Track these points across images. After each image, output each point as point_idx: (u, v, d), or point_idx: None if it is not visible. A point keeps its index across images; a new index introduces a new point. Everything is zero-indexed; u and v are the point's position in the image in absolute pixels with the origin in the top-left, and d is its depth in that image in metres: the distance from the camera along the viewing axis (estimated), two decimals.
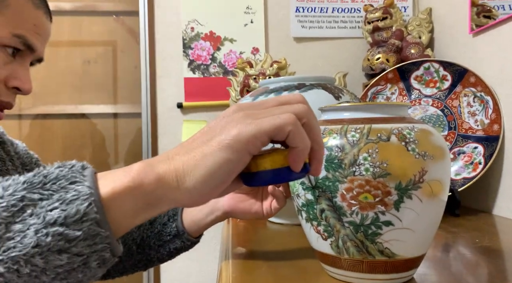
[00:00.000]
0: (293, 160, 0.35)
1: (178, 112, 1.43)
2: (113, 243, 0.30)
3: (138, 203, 0.31)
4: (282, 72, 1.22)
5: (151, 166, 0.32)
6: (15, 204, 0.28)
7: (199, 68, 1.42)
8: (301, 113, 0.35)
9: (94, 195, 0.29)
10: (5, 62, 0.53)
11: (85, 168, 0.32)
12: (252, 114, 0.34)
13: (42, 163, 0.74)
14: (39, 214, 0.28)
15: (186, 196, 0.32)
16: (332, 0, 1.42)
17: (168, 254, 0.67)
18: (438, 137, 0.46)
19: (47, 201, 0.28)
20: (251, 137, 0.32)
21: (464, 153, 0.99)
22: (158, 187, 0.31)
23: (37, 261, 0.27)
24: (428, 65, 1.08)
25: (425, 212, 0.44)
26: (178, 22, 1.42)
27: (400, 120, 0.46)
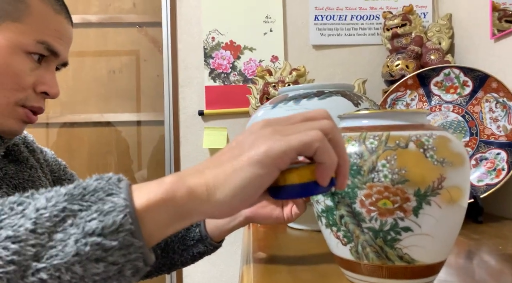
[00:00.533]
0: (320, 176, 0.36)
1: (199, 119, 1.46)
2: (146, 252, 0.32)
3: (170, 215, 0.33)
4: (301, 79, 1.24)
5: (183, 179, 0.33)
6: (57, 214, 0.30)
7: (220, 76, 1.45)
8: (327, 129, 0.36)
9: (129, 207, 0.31)
10: (32, 68, 0.55)
11: (121, 180, 0.33)
12: (280, 131, 0.35)
13: (69, 170, 0.76)
14: (79, 224, 0.30)
15: (216, 209, 0.33)
16: (351, 8, 1.43)
17: (191, 258, 0.69)
18: (457, 144, 0.46)
19: (86, 212, 0.30)
20: (280, 154, 0.33)
21: (486, 159, 0.98)
22: (189, 200, 0.33)
23: (77, 269, 0.29)
24: (448, 71, 1.07)
25: (444, 218, 0.44)
26: (199, 32, 1.45)
27: (419, 127, 0.47)
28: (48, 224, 0.29)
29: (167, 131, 1.48)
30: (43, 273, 0.29)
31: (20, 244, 0.29)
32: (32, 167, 0.65)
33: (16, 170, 0.62)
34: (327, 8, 1.44)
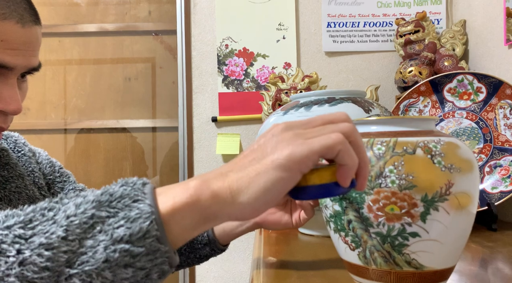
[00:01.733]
0: (342, 177, 0.36)
1: (213, 125, 1.48)
2: (171, 256, 0.33)
3: (195, 218, 0.33)
4: (313, 86, 1.24)
5: (207, 182, 0.34)
6: (86, 221, 0.31)
7: (233, 83, 1.47)
8: (348, 131, 0.36)
9: (155, 213, 0.31)
10: None
11: (145, 184, 0.34)
12: (302, 134, 0.35)
13: (65, 170, 0.75)
14: (107, 231, 0.31)
15: (239, 212, 0.34)
16: (364, 15, 1.44)
17: (197, 260, 0.70)
18: (466, 150, 0.46)
19: (114, 219, 0.31)
20: (303, 157, 0.34)
21: (500, 166, 0.97)
22: (213, 203, 0.33)
23: (107, 274, 0.30)
24: (461, 77, 1.07)
25: (453, 224, 0.44)
26: (213, 39, 1.48)
27: (427, 133, 0.47)
28: (78, 231, 0.30)
29: (181, 137, 1.50)
30: (76, 279, 0.30)
31: (53, 251, 0.29)
32: (19, 176, 0.62)
33: (3, 181, 0.60)
34: (339, 15, 1.44)
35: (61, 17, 1.71)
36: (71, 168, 1.69)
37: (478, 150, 1.01)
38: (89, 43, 1.68)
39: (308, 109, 0.94)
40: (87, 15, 1.69)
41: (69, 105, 1.65)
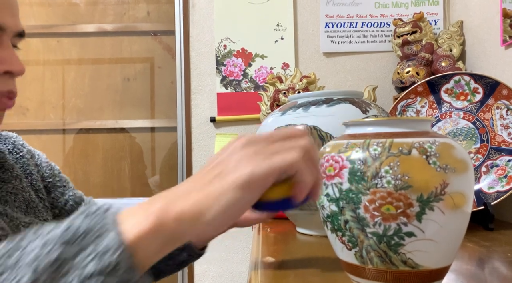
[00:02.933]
0: (299, 193, 0.38)
1: (211, 126, 1.49)
2: (143, 280, 0.33)
3: (160, 243, 0.33)
4: (311, 86, 1.25)
5: (169, 205, 0.34)
6: (54, 262, 0.29)
7: (231, 83, 1.47)
8: (306, 148, 0.37)
9: (122, 245, 0.31)
10: None
11: (107, 210, 0.33)
12: (262, 151, 0.36)
13: (63, 175, 0.74)
14: (77, 268, 0.30)
15: (203, 232, 0.34)
16: (361, 15, 1.44)
17: (176, 266, 0.69)
18: (461, 151, 0.47)
19: (82, 255, 0.30)
20: (264, 176, 0.35)
21: (497, 166, 0.98)
22: (177, 226, 0.33)
23: None
24: (458, 78, 1.07)
25: (448, 224, 0.45)
26: (212, 40, 1.48)
27: (423, 134, 0.48)
28: (47, 273, 0.29)
29: (179, 137, 1.51)
30: None
31: None
32: (16, 177, 0.61)
33: (1, 180, 0.59)
34: (337, 16, 1.45)
35: (59, 17, 1.71)
36: (69, 168, 1.70)
37: (475, 150, 1.02)
38: (87, 43, 1.69)
39: (306, 110, 0.95)
40: (85, 15, 1.69)
41: (68, 105, 1.65)
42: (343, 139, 0.51)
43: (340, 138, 0.52)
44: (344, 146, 0.49)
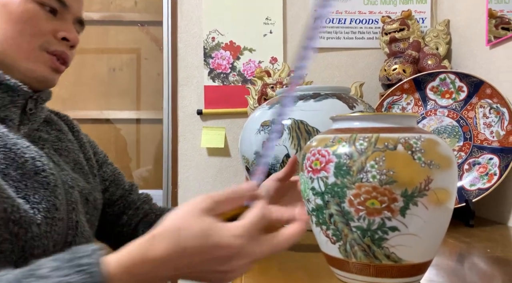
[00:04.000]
0: None
1: (198, 118, 1.48)
2: None
3: None
4: None
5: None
6: None
7: (219, 76, 1.46)
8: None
9: None
10: (47, 18, 0.59)
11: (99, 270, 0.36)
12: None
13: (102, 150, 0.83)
14: None
15: None
16: (350, 12, 1.45)
17: None
18: (445, 147, 0.48)
19: None
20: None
21: (479, 164, 0.99)
22: None
23: None
24: (444, 76, 1.09)
25: (431, 219, 0.45)
26: (200, 32, 1.47)
27: (408, 130, 0.48)
28: None
29: (165, 129, 1.49)
30: None
31: None
32: (69, 140, 0.69)
33: (57, 137, 0.67)
34: None
35: None
36: None
37: (458, 148, 1.03)
38: None
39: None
40: None
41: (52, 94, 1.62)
42: (330, 133, 0.51)
43: (327, 132, 0.52)
44: (331, 140, 0.49)
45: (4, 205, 0.50)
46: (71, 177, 0.62)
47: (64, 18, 0.62)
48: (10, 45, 0.58)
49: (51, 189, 0.56)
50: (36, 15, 0.58)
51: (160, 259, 0.37)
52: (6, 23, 0.57)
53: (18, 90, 0.58)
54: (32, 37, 0.58)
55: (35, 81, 0.60)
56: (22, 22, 0.58)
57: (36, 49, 0.59)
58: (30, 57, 0.59)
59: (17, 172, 0.54)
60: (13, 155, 0.54)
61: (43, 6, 0.59)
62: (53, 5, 0.60)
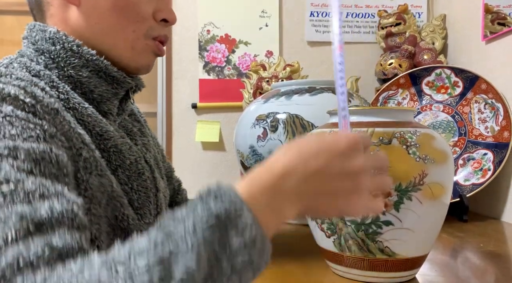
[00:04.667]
0: None
1: (193, 112, 1.47)
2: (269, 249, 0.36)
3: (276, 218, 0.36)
4: (295, 75, 1.24)
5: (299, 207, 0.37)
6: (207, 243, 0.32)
7: (214, 70, 1.45)
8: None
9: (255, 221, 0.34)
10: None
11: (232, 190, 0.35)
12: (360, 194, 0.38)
13: None
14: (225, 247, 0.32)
15: None
16: (347, 5, 1.44)
17: None
18: (441, 142, 0.47)
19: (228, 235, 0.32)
20: None
21: (473, 159, 1.00)
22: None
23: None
24: (439, 71, 1.09)
25: (425, 214, 0.45)
26: (195, 25, 1.45)
27: (404, 124, 0.48)
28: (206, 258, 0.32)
29: (159, 123, 1.48)
30: None
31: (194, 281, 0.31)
32: (149, 135, 0.69)
33: (140, 131, 0.65)
34: (322, 4, 1.44)
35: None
36: None
37: (453, 143, 1.03)
38: None
39: (288, 98, 0.94)
40: None
41: None
42: (326, 127, 0.51)
43: (324, 126, 0.52)
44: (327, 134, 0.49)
45: (116, 213, 0.48)
46: (158, 179, 0.61)
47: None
48: (114, 36, 0.53)
49: (147, 194, 0.55)
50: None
51: (287, 169, 0.36)
52: (110, 9, 0.52)
53: (123, 81, 0.55)
54: (137, 24, 0.54)
55: (137, 70, 0.57)
56: (128, 8, 0.53)
57: (141, 37, 0.55)
58: (137, 46, 0.55)
59: (125, 174, 0.52)
60: (122, 156, 0.52)
61: None
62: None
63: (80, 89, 0.52)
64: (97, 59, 0.52)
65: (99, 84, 0.53)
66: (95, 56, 0.52)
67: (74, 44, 0.51)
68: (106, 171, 0.48)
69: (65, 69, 0.51)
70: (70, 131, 0.44)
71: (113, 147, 0.52)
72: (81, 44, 0.51)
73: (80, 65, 0.51)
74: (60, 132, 0.43)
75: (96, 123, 0.51)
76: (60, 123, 0.43)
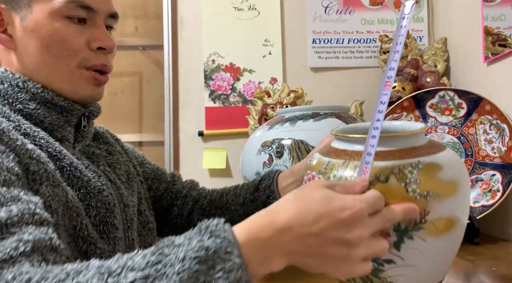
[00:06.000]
0: None
1: (199, 140, 1.48)
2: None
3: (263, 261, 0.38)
4: (299, 101, 1.26)
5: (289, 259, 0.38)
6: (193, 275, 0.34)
7: (220, 97, 1.47)
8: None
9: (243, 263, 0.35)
10: (78, 30, 0.57)
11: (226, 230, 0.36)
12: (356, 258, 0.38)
13: (139, 152, 0.83)
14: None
15: None
16: (348, 31, 1.46)
17: None
18: (449, 171, 0.44)
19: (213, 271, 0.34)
20: None
21: (482, 181, 0.99)
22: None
23: None
24: (443, 93, 1.09)
25: (431, 250, 0.43)
26: (200, 55, 1.48)
27: (408, 152, 0.44)
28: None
29: (167, 151, 1.50)
30: None
31: None
32: (118, 152, 0.70)
33: (108, 151, 0.67)
34: (324, 32, 1.47)
35: None
36: None
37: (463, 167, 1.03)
38: None
39: (293, 124, 0.95)
40: None
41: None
42: (326, 154, 0.49)
43: (325, 152, 0.50)
44: (324, 167, 0.48)
45: (73, 223, 0.51)
46: (126, 195, 0.63)
47: (95, 23, 0.59)
48: (49, 72, 0.57)
49: (111, 209, 0.57)
50: (66, 33, 0.56)
51: (287, 225, 0.37)
52: (39, 49, 0.56)
53: (72, 109, 0.58)
54: (69, 58, 0.57)
55: (81, 100, 0.60)
56: (55, 45, 0.56)
57: (75, 69, 0.58)
58: (72, 78, 0.58)
59: (81, 191, 0.54)
60: (79, 173, 0.54)
61: (70, 19, 0.57)
62: (80, 15, 0.57)
63: (31, 120, 0.55)
64: (42, 91, 0.56)
65: (48, 114, 0.56)
66: (41, 88, 0.56)
67: (19, 80, 0.56)
68: (61, 183, 0.51)
69: (14, 104, 0.55)
70: (17, 148, 0.47)
71: (68, 165, 0.54)
72: (26, 79, 0.56)
73: (27, 99, 0.55)
74: (9, 149, 0.46)
75: (49, 144, 0.54)
76: (7, 142, 0.47)
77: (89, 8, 0.58)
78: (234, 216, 0.73)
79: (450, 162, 0.45)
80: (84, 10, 0.57)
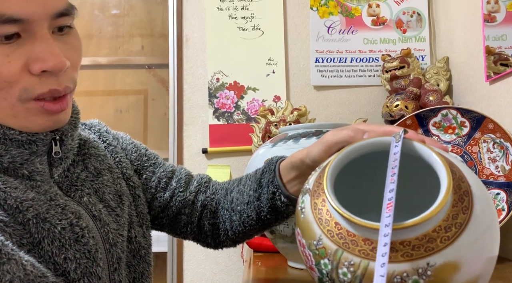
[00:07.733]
0: None
1: (203, 157, 1.49)
2: None
3: None
4: (302, 119, 1.27)
5: None
6: None
7: (224, 115, 1.49)
8: None
9: None
10: (6, 53, 0.43)
11: None
12: None
13: (151, 152, 0.72)
14: None
15: None
16: (351, 51, 1.49)
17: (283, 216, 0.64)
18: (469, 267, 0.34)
19: None
20: None
21: None
22: None
23: None
24: (446, 112, 1.10)
25: None
26: (205, 73, 1.51)
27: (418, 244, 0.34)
28: None
29: None
30: None
31: None
32: (110, 168, 0.60)
33: (96, 171, 0.58)
34: (327, 51, 1.49)
35: None
36: None
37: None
38: (81, 76, 1.71)
39: (296, 142, 0.96)
40: None
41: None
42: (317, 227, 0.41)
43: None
44: (315, 243, 0.40)
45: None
46: (113, 230, 0.54)
47: (34, 35, 0.44)
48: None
49: (92, 257, 0.48)
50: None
51: None
52: None
53: (34, 140, 0.48)
54: (3, 91, 0.44)
55: (37, 133, 0.48)
56: None
57: (17, 103, 0.45)
58: (16, 114, 0.46)
59: (53, 245, 0.45)
60: (48, 225, 0.45)
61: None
62: (8, 32, 0.42)
63: None
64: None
65: (5, 151, 0.46)
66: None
67: None
68: (13, 255, 0.40)
69: None
70: None
71: (34, 217, 0.45)
72: None
73: None
74: None
75: (8, 195, 0.44)
76: None
77: (18, 20, 0.41)
78: (243, 215, 0.65)
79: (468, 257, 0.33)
80: (9, 24, 0.41)
